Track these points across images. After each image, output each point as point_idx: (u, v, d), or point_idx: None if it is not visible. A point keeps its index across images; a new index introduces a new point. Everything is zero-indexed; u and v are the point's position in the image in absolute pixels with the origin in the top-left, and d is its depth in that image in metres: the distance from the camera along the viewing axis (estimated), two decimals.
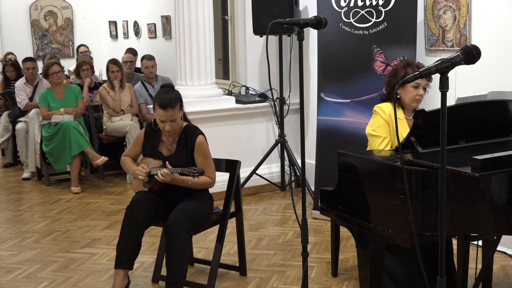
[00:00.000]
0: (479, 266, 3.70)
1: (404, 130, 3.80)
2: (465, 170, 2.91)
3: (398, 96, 3.90)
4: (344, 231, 4.18)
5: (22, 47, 10.48)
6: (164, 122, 3.81)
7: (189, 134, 3.91)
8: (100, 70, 9.33)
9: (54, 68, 6.97)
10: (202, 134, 3.94)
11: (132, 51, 8.99)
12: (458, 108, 3.40)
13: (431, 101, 4.93)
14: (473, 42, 4.68)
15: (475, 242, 4.08)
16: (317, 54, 5.58)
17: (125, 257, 3.79)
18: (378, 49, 5.15)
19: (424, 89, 3.90)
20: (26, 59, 7.92)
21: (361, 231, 3.45)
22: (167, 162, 3.85)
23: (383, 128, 3.84)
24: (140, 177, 3.90)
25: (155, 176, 3.83)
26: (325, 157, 5.43)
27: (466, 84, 4.65)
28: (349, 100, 5.31)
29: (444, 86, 2.26)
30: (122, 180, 7.23)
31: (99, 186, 7.03)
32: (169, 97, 3.78)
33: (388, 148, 3.80)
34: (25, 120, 7.60)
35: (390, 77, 3.97)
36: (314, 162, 5.70)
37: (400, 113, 3.89)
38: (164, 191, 3.95)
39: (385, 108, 3.88)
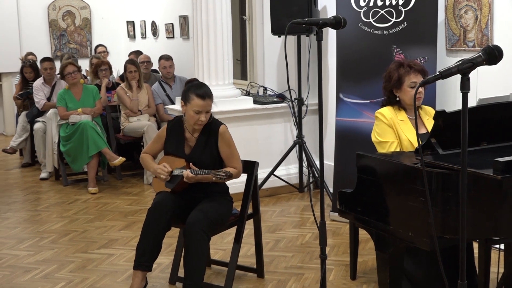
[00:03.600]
0: (501, 270, 3.67)
1: (409, 131, 3.80)
2: (487, 173, 2.88)
3: (398, 99, 3.89)
4: (363, 234, 4.16)
5: (40, 47, 10.55)
6: (200, 113, 3.81)
7: (212, 126, 3.92)
8: (117, 70, 9.40)
9: (68, 68, 7.01)
10: (224, 124, 3.96)
11: (136, 53, 8.99)
12: (480, 109, 3.37)
13: (452, 102, 4.90)
14: (495, 42, 4.64)
15: (497, 246, 4.04)
16: (336, 55, 5.57)
17: (145, 258, 3.79)
18: (398, 50, 5.12)
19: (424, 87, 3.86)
20: (44, 59, 7.98)
21: (380, 233, 3.43)
22: (190, 164, 3.84)
23: (388, 132, 3.83)
24: (162, 176, 3.89)
25: (185, 179, 3.82)
26: (344, 158, 5.41)
27: (487, 85, 4.61)
28: (368, 101, 5.29)
29: (465, 87, 2.25)
30: (140, 180, 7.26)
31: (116, 186, 7.07)
32: (205, 89, 3.85)
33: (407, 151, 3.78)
34: (43, 120, 7.66)
35: (385, 82, 3.95)
36: (332, 164, 5.69)
37: (402, 115, 3.88)
38: (185, 191, 3.95)
39: (385, 112, 3.88)
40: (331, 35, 6.19)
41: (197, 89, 3.83)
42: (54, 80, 7.75)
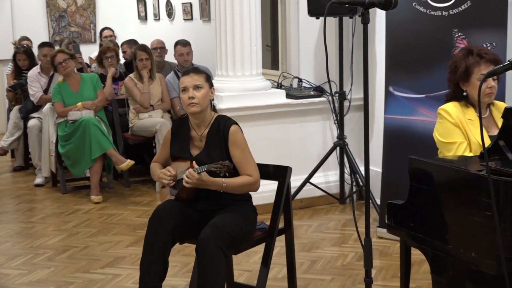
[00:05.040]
0: None
1: (479, 132, 3.75)
2: None
3: (465, 94, 3.85)
4: (416, 254, 4.13)
5: (36, 30, 10.67)
6: (186, 90, 3.89)
7: (221, 124, 3.95)
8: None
9: (58, 58, 7.09)
10: (236, 124, 3.98)
11: (134, 42, 9.03)
12: None
13: None
14: None
15: None
16: (385, 40, 5.55)
17: (149, 278, 3.79)
18: (459, 34, 5.09)
19: (495, 79, 3.82)
20: (43, 44, 8.07)
21: (437, 254, 3.41)
22: (193, 162, 3.86)
23: (455, 132, 3.80)
24: (163, 181, 3.94)
25: (183, 177, 3.84)
26: (394, 163, 5.39)
27: None
28: (423, 95, 5.27)
29: None
30: (151, 188, 7.31)
31: (123, 195, 7.12)
32: (194, 67, 4.05)
33: (467, 154, 3.75)
34: (39, 116, 7.74)
35: (450, 73, 3.92)
36: (380, 170, 5.67)
37: (471, 113, 3.84)
38: (196, 200, 3.96)
39: (450, 110, 3.84)
40: (379, 16, 6.17)
41: (187, 70, 4.04)
42: (53, 70, 7.80)
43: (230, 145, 3.90)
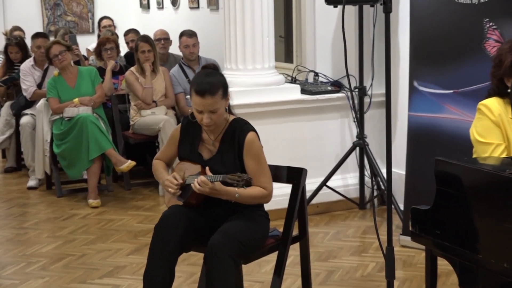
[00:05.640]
0: None
1: None
2: None
3: (509, 90, 3.83)
4: (443, 264, 4.12)
5: (29, 20, 10.71)
6: (201, 112, 3.82)
7: (238, 130, 3.92)
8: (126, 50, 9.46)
9: (54, 50, 7.10)
10: (254, 130, 3.95)
11: (135, 32, 9.05)
12: None
13: None
14: None
15: None
16: (409, 30, 5.54)
17: None
18: (491, 24, 5.07)
19: None
20: (37, 35, 8.09)
21: (466, 264, 3.41)
22: (207, 168, 3.85)
23: (493, 132, 3.78)
24: (170, 190, 3.92)
25: (192, 185, 3.84)
26: (419, 165, 5.38)
27: None
28: (451, 91, 5.25)
29: None
30: (153, 191, 7.32)
31: (124, 198, 7.14)
32: (209, 80, 3.80)
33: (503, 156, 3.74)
34: (32, 113, 7.77)
35: (494, 67, 3.89)
36: (403, 172, 5.66)
37: None
38: (205, 206, 3.96)
39: (492, 106, 3.80)
40: (403, 5, 6.16)
41: (197, 82, 3.82)
42: (47, 63, 7.81)
43: (245, 154, 3.89)
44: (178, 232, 3.81)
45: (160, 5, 10.89)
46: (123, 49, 9.01)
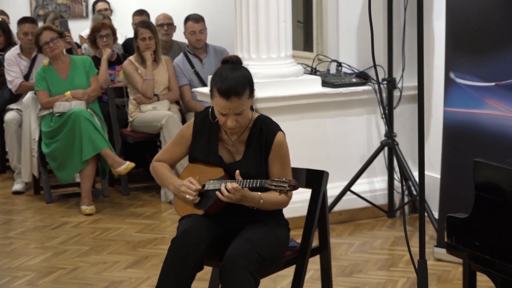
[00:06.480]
0: None
1: None
2: None
3: None
4: (483, 280, 4.13)
5: (15, 3, 10.72)
6: (225, 115, 3.77)
7: (264, 130, 3.91)
8: (125, 36, 9.49)
9: (43, 36, 7.08)
10: (282, 130, 3.94)
11: (140, 13, 9.08)
12: None
13: None
14: None
15: None
16: (446, 15, 5.53)
17: None
18: None
19: None
20: (24, 20, 8.10)
21: (510, 280, 3.40)
22: (237, 172, 3.78)
23: None
24: (188, 197, 3.84)
25: (217, 192, 3.76)
26: (455, 168, 5.37)
27: None
28: (493, 84, 5.24)
29: None
30: (155, 196, 7.34)
31: (121, 205, 7.16)
32: (234, 77, 3.75)
33: None
34: (18, 108, 7.79)
35: None
36: (438, 176, 5.65)
37: None
38: (225, 215, 3.93)
39: None
40: None
41: (221, 79, 3.75)
42: (35, 51, 7.84)
43: (272, 156, 3.88)
44: (200, 250, 3.75)
45: None
46: (121, 37, 9.02)
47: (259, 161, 3.88)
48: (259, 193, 3.77)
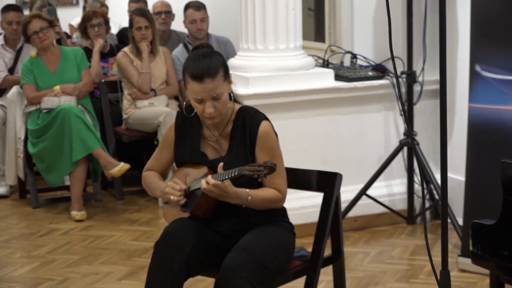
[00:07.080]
0: None
1: None
2: None
3: None
4: None
5: None
6: (201, 101, 3.81)
7: (248, 121, 3.93)
8: (119, 25, 9.50)
9: (33, 25, 7.06)
10: (267, 119, 3.95)
11: (136, 0, 9.08)
12: None
13: None
14: None
15: None
16: (470, 3, 5.53)
17: None
18: None
19: None
20: (8, 8, 8.10)
21: None
22: (220, 165, 3.81)
23: None
24: (172, 197, 3.90)
25: (201, 189, 3.80)
26: (481, 170, 5.37)
27: None
28: None
29: None
30: (151, 201, 7.35)
31: (115, 210, 7.17)
32: (205, 60, 3.82)
33: None
34: (2, 104, 7.79)
35: None
36: (462, 178, 5.65)
37: None
38: (216, 218, 3.96)
39: None
40: None
41: (193, 64, 3.83)
42: (21, 42, 7.86)
43: (258, 148, 3.90)
44: (184, 252, 3.79)
45: None
46: (114, 26, 9.03)
47: (244, 155, 3.90)
48: (247, 189, 3.79)
